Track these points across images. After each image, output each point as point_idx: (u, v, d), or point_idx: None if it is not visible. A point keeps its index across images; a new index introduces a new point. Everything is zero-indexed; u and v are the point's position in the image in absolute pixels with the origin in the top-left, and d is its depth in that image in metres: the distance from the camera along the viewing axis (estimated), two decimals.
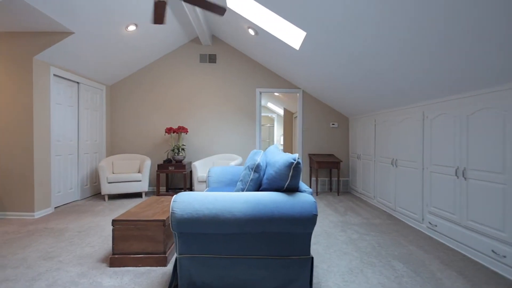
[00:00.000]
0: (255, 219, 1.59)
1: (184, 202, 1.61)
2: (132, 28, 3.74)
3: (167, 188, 4.93)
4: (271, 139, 11.82)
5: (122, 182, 4.20)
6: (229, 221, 1.59)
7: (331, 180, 5.17)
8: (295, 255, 1.68)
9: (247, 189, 1.89)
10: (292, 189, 1.75)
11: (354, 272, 2.04)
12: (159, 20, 2.58)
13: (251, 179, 1.89)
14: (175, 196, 1.66)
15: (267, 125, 11.44)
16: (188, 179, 5.03)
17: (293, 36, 3.36)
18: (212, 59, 5.11)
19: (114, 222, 2.07)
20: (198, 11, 3.82)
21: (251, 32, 3.89)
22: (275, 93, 6.74)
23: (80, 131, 4.21)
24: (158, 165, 4.40)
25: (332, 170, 5.19)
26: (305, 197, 1.68)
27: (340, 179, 5.18)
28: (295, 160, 1.65)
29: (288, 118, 8.08)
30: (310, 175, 5.17)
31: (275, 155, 2.07)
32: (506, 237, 2.00)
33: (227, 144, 5.14)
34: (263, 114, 10.23)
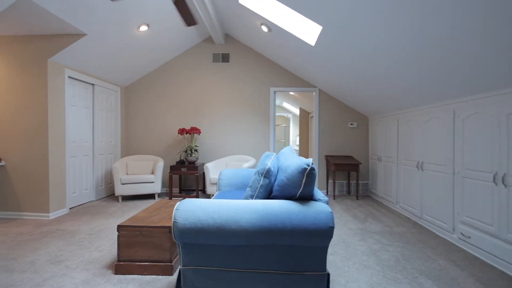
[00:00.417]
0: (264, 230, 1.44)
1: (187, 211, 1.49)
2: (144, 28, 3.70)
3: (180, 190, 4.89)
4: (286, 139, 11.59)
5: (135, 184, 4.19)
6: (235, 233, 1.45)
7: (349, 183, 4.91)
8: (309, 271, 1.51)
9: (256, 196, 1.75)
10: (305, 198, 1.58)
11: None
12: (190, 20, 2.54)
13: (261, 186, 1.74)
14: (178, 204, 1.54)
15: (283, 125, 11.23)
16: (201, 181, 4.96)
17: (308, 31, 3.17)
18: (225, 58, 5.01)
19: (120, 228, 2.00)
20: (210, 10, 3.72)
21: (264, 29, 3.74)
22: (290, 92, 6.54)
23: (95, 132, 4.25)
24: (171, 167, 4.36)
25: (350, 173, 4.93)
26: (321, 207, 1.50)
27: (359, 182, 4.91)
28: (308, 165, 1.48)
29: (304, 118, 7.85)
30: (327, 177, 4.93)
31: (287, 159, 1.90)
32: None
33: (240, 145, 5.02)
34: (278, 114, 10.03)
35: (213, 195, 2.90)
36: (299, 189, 1.53)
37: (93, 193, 4.24)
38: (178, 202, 1.56)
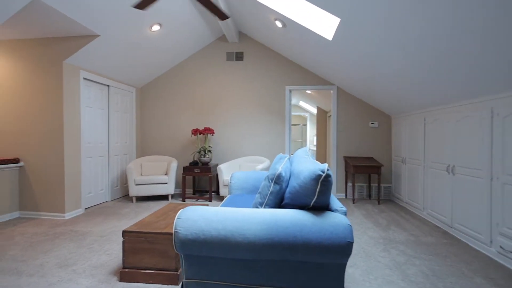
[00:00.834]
0: (272, 244, 1.28)
1: (189, 220, 1.37)
2: (156, 28, 3.66)
3: (193, 191, 4.83)
4: (303, 139, 11.32)
5: (148, 184, 4.18)
6: (241, 246, 1.30)
7: (370, 186, 4.62)
8: None
9: (266, 204, 1.59)
10: (320, 207, 1.41)
11: None
12: (221, 14, 2.45)
13: (271, 192, 1.58)
14: (180, 212, 1.42)
15: (300, 124, 10.97)
16: (214, 182, 4.88)
17: (325, 24, 2.97)
18: (239, 57, 4.89)
19: (125, 233, 1.92)
20: (223, 6, 3.61)
21: (278, 24, 3.57)
22: (307, 91, 6.31)
23: (110, 133, 4.29)
24: (184, 168, 4.30)
25: (371, 175, 4.63)
26: (338, 219, 1.32)
27: (381, 185, 4.60)
28: (323, 172, 1.31)
29: (322, 117, 7.57)
30: (346, 180, 4.67)
31: (301, 162, 1.73)
32: None
33: (254, 145, 4.88)
34: (295, 113, 9.79)
35: (226, 197, 2.79)
36: (312, 198, 1.36)
37: (108, 193, 4.28)
38: (180, 210, 1.44)
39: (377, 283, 1.92)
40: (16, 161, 3.36)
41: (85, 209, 3.78)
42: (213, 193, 4.87)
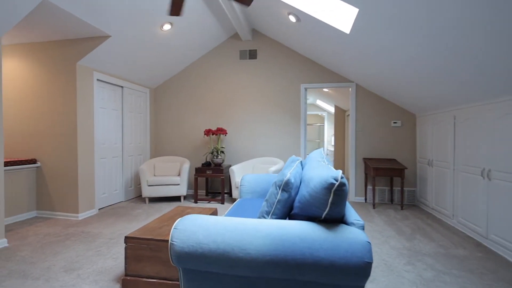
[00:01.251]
0: (277, 262, 1.13)
1: (186, 231, 1.24)
2: (167, 27, 3.61)
3: (206, 192, 4.76)
4: (321, 139, 10.99)
5: (161, 186, 4.15)
6: (242, 262, 1.16)
7: (392, 190, 4.31)
8: None
9: (273, 213, 1.44)
10: (333, 220, 1.24)
11: None
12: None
13: (278, 201, 1.43)
14: (177, 222, 1.30)
15: (317, 124, 10.65)
16: (227, 184, 4.78)
17: (342, 16, 2.75)
18: (252, 55, 4.75)
19: (127, 240, 1.84)
20: (235, 4, 3.49)
21: (292, 19, 3.39)
22: (324, 89, 6.05)
23: (124, 134, 4.31)
24: (196, 169, 4.24)
25: (393, 178, 4.32)
26: (354, 234, 1.14)
27: (405, 189, 4.28)
28: (336, 180, 1.13)
29: (340, 116, 7.27)
30: (366, 183, 4.39)
31: (312, 167, 1.56)
32: None
33: (268, 146, 4.72)
34: (312, 113, 9.50)
35: (235, 202, 2.66)
36: (324, 210, 1.18)
37: (122, 194, 4.30)
38: (178, 220, 1.32)
39: None
40: (33, 161, 3.43)
41: (99, 209, 3.80)
42: (226, 195, 4.78)
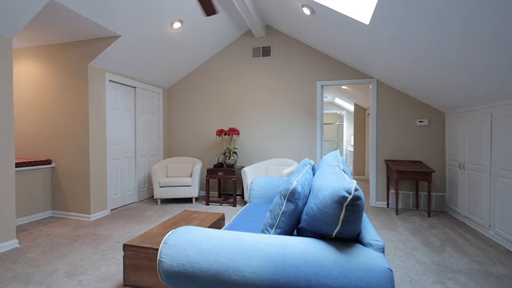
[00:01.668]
0: (277, 287, 0.96)
1: (177, 247, 1.10)
2: (177, 25, 3.52)
3: (219, 194, 4.66)
4: (340, 139, 10.58)
5: (173, 187, 4.09)
6: (236, 286, 1.00)
7: (417, 195, 3.96)
8: None
9: (277, 227, 1.26)
10: (346, 239, 1.04)
11: None
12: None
13: (283, 212, 1.25)
14: (167, 236, 1.16)
15: (335, 123, 10.25)
16: (240, 186, 4.64)
17: (360, 6, 2.51)
18: (266, 52, 4.57)
19: (126, 247, 1.75)
20: (247, 0, 3.34)
21: (306, 11, 3.17)
22: (343, 86, 5.75)
23: (137, 134, 4.30)
24: (208, 170, 4.14)
25: (419, 182, 3.97)
26: (371, 259, 0.94)
27: (432, 194, 3.92)
28: (349, 192, 0.94)
29: (360, 115, 6.90)
30: (388, 187, 4.07)
31: (323, 174, 1.37)
32: None
33: (282, 147, 4.53)
34: (330, 111, 9.14)
35: (243, 208, 2.51)
36: (334, 228, 0.99)
37: (135, 194, 4.30)
38: (169, 233, 1.18)
39: None
40: (48, 162, 3.48)
41: (111, 210, 3.81)
42: (239, 197, 4.64)
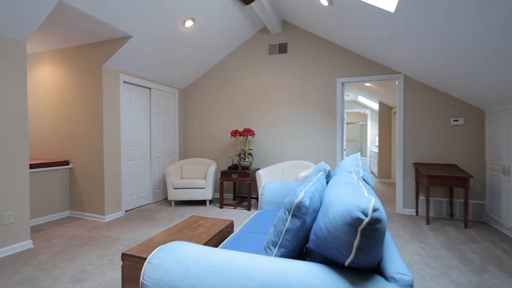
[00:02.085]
0: None
1: (160, 268, 0.96)
2: (189, 23, 3.43)
3: (234, 197, 4.53)
4: (363, 139, 10.06)
5: (186, 189, 4.02)
6: None
7: (452, 202, 3.55)
8: None
9: (280, 245, 1.08)
10: (363, 269, 0.83)
11: None
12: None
13: (287, 229, 1.06)
14: (152, 255, 1.02)
15: (359, 123, 9.77)
16: (255, 189, 4.48)
17: None
18: (282, 49, 4.37)
19: (124, 257, 1.65)
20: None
21: (323, 2, 2.93)
22: (366, 83, 5.38)
23: (152, 135, 4.29)
24: (222, 172, 4.02)
25: (454, 188, 3.56)
26: None
27: (469, 201, 3.49)
28: (366, 214, 0.73)
29: (385, 113, 6.46)
30: (417, 192, 3.70)
31: (337, 183, 1.15)
32: None
33: (300, 148, 4.30)
34: (353, 110, 8.70)
35: (252, 215, 2.34)
36: (347, 256, 0.79)
37: (150, 196, 4.29)
38: (156, 250, 1.04)
39: None
40: (66, 163, 3.55)
41: (126, 211, 3.81)
42: (254, 200, 4.48)
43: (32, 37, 3.22)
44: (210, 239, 1.91)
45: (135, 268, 1.61)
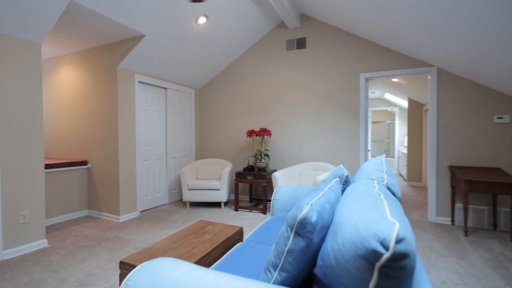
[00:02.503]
0: None
1: None
2: (202, 20, 3.33)
3: (250, 199, 4.37)
4: (391, 139, 9.46)
5: (201, 190, 3.94)
6: None
7: (495, 211, 3.11)
8: None
9: (281, 268, 0.89)
10: None
11: None
12: None
13: (289, 251, 0.87)
14: (130, 274, 0.88)
15: (386, 122, 9.19)
16: (271, 191, 4.29)
17: None
18: (300, 44, 4.13)
19: (122, 265, 1.55)
20: None
21: None
22: (393, 79, 4.97)
23: (168, 136, 4.26)
24: (237, 174, 3.88)
25: (498, 196, 3.11)
26: None
27: None
28: (386, 246, 0.52)
29: (415, 111, 5.96)
30: (453, 199, 3.29)
31: (354, 194, 0.94)
32: None
33: (319, 149, 4.04)
34: (379, 109, 8.17)
35: (263, 222, 2.16)
36: None
37: (166, 196, 4.27)
38: (135, 269, 0.90)
39: None
40: (84, 163, 3.61)
41: (141, 212, 3.80)
42: (268, 202, 4.29)
43: (55, 40, 3.30)
44: (215, 248, 1.76)
45: None
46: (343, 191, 1.43)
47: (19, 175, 2.43)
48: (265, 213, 3.72)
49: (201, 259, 1.60)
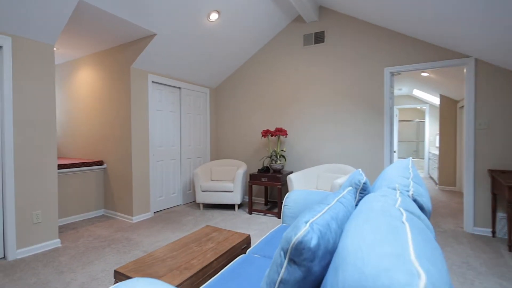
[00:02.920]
0: None
1: None
2: (214, 16, 3.22)
3: (265, 201, 4.20)
4: (420, 139, 8.81)
5: (214, 192, 3.84)
6: None
7: None
8: None
9: None
10: None
11: None
12: None
13: (281, 281, 0.70)
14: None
15: (415, 120, 8.57)
16: (285, 194, 4.08)
17: None
18: (319, 38, 3.89)
19: (116, 275, 1.46)
20: None
21: None
22: (422, 73, 4.54)
23: (182, 136, 4.22)
24: (251, 175, 3.73)
25: None
26: None
27: None
28: None
29: (448, 109, 5.44)
30: (494, 208, 2.89)
31: (367, 213, 0.74)
32: None
33: (339, 150, 3.77)
34: (407, 106, 7.61)
35: (272, 230, 1.98)
36: None
37: (180, 197, 4.22)
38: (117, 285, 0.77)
39: None
40: (100, 163, 3.66)
41: (154, 212, 3.78)
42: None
43: (71, 42, 3.36)
44: (217, 258, 1.62)
45: None
46: (359, 201, 1.22)
47: (32, 175, 2.47)
48: (279, 217, 3.53)
49: (199, 271, 1.46)
